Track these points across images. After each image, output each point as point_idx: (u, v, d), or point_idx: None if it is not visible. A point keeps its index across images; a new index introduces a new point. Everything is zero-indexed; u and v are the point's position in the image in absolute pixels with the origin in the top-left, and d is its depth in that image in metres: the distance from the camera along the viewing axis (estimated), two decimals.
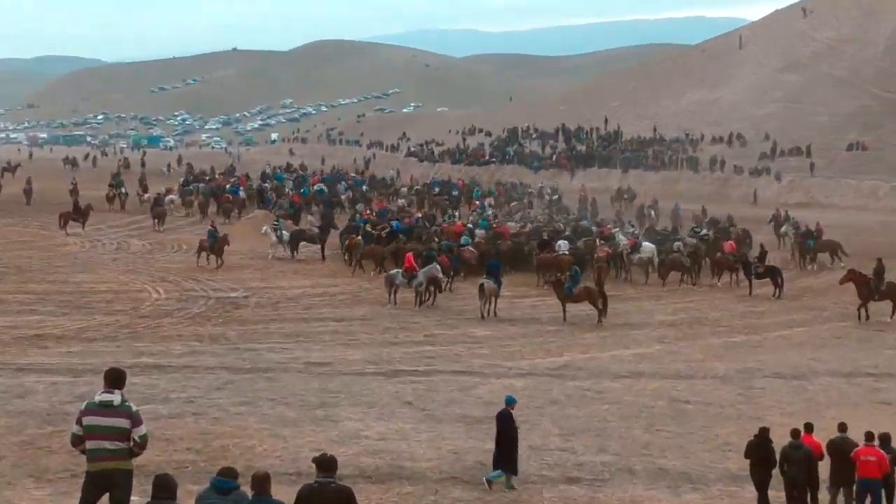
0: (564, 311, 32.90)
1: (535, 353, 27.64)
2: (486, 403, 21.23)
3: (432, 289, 35.64)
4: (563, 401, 22.30)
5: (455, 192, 73.71)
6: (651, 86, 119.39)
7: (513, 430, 16.55)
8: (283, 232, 47.44)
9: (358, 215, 54.22)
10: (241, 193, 68.41)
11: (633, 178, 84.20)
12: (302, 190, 71.47)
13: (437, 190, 75.65)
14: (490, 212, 60.31)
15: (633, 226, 51.92)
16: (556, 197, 73.19)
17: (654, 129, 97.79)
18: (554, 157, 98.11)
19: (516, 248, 44.68)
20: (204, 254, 42.77)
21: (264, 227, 47.28)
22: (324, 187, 73.39)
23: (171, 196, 65.61)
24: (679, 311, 35.59)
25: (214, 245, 42.74)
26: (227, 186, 70.63)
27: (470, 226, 49.17)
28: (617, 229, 49.67)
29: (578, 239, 46.12)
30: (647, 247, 44.10)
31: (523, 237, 47.21)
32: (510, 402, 16.99)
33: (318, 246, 47.62)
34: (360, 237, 44.26)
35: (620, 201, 72.95)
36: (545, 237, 44.32)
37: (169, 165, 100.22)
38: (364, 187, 75.86)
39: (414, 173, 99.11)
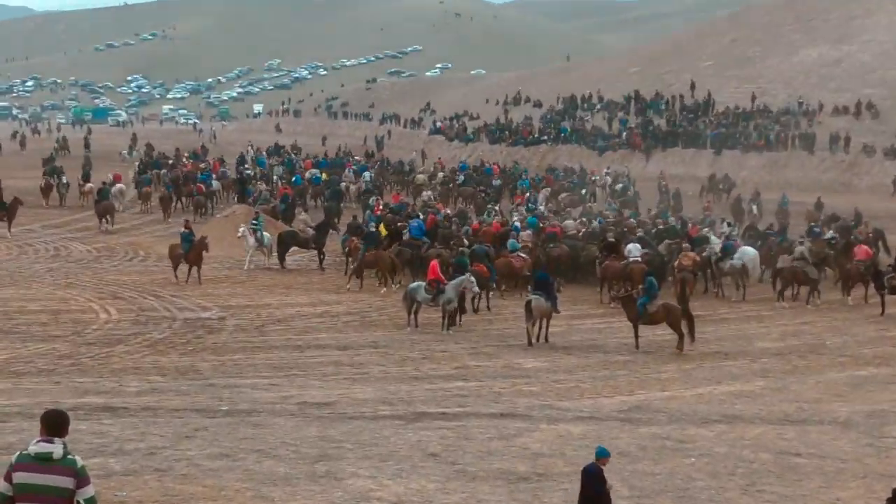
0: (637, 335, 33.03)
1: (599, 390, 27.74)
2: (534, 456, 21.36)
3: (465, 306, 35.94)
4: (634, 453, 22.38)
5: (497, 182, 73.95)
6: (753, 39, 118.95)
7: (604, 494, 16.28)
8: (265, 234, 47.75)
9: (368, 211, 54.63)
10: (215, 183, 68.95)
11: (727, 161, 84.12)
12: (294, 178, 71.93)
13: (461, 179, 75.89)
14: (543, 207, 60.54)
15: (730, 224, 51.92)
16: (619, 186, 73.21)
17: (753, 98, 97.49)
18: (624, 134, 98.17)
19: (573, 253, 44.96)
20: (182, 265, 42.71)
21: (241, 228, 47.63)
22: (318, 174, 73.81)
23: (119, 185, 66.12)
24: (788, 336, 35.61)
25: (190, 252, 42.80)
26: (198, 174, 71.26)
27: (516, 224, 49.33)
28: (707, 229, 49.70)
29: (660, 241, 46.29)
30: (747, 252, 44.16)
31: (582, 239, 47.45)
32: (602, 454, 16.60)
33: (314, 252, 48.00)
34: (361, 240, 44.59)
35: (715, 192, 72.90)
36: (611, 239, 44.52)
37: (130, 147, 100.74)
38: (367, 174, 76.20)
39: (442, 156, 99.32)
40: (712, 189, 73.65)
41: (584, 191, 72.94)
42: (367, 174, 76.34)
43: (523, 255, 43.17)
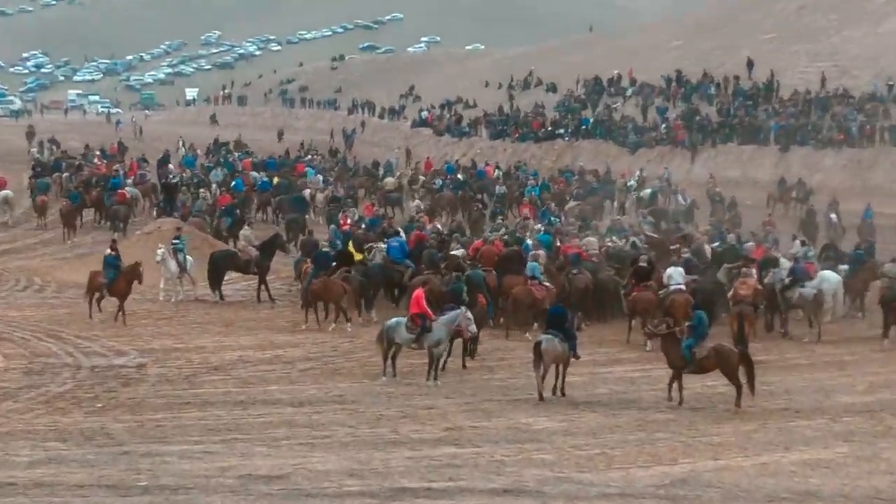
0: (680, 386, 32.81)
1: (632, 458, 27.58)
2: None
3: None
4: None
5: (501, 189, 73.79)
6: (828, 5, 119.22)
7: None
8: (188, 257, 47.60)
9: (333, 226, 54.65)
10: (131, 189, 68.63)
11: (796, 160, 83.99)
12: (234, 183, 71.76)
13: (438, 183, 76.01)
14: (568, 222, 59.86)
15: (804, 243, 51.49)
16: (646, 192, 72.68)
17: (823, 79, 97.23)
18: (663, 126, 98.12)
19: (598, 281, 44.73)
20: (99, 297, 42.70)
21: (160, 250, 47.47)
22: (265, 179, 73.79)
23: (4, 192, 66.11)
24: (878, 389, 35.43)
25: (115, 283, 42.58)
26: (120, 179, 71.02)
27: (527, 242, 48.97)
28: (772, 247, 49.31)
29: (717, 265, 45.80)
30: (827, 278, 43.86)
31: (600, 262, 47.14)
32: None
33: (258, 279, 48.03)
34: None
35: (787, 203, 72.52)
36: (642, 263, 43.90)
37: (41, 144, 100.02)
38: (319, 177, 76.02)
39: (430, 155, 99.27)
40: (783, 198, 73.22)
41: (613, 200, 72.57)
42: (318, 177, 75.98)
43: (547, 283, 42.96)
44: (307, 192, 71.22)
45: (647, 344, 38.87)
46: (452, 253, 45.85)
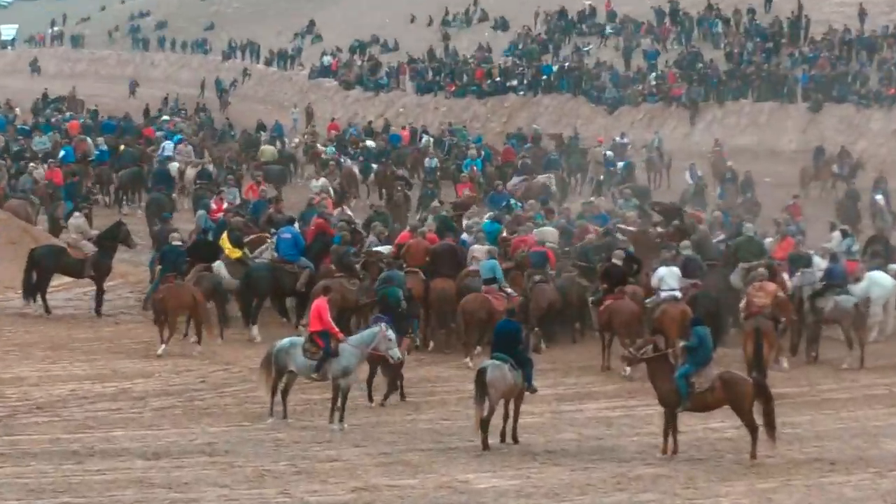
0: (675, 429, 32.84)
1: None
2: None
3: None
4: None
5: (432, 162, 73.67)
6: None
7: None
8: None
9: (202, 211, 54.54)
10: None
11: (831, 122, 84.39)
12: (62, 152, 71.36)
13: (330, 151, 76.44)
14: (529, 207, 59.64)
15: (846, 233, 51.34)
16: (620, 165, 72.72)
17: (862, 12, 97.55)
18: (652, 76, 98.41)
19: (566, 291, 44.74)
20: None
21: None
22: (102, 146, 73.48)
23: None
24: None
25: None
26: None
27: (464, 238, 48.89)
28: (799, 238, 49.30)
29: (730, 265, 45.67)
30: (877, 281, 43.88)
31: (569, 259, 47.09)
32: None
33: (93, 284, 47.94)
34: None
35: (825, 180, 72.61)
36: (617, 260, 43.64)
37: None
38: (167, 144, 75.55)
39: (336, 115, 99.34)
40: (820, 174, 73.28)
41: (583, 175, 72.78)
42: (167, 144, 75.31)
43: (509, 289, 42.96)
44: (174, 165, 70.86)
45: (627, 371, 38.84)
46: (374, 249, 45.75)
